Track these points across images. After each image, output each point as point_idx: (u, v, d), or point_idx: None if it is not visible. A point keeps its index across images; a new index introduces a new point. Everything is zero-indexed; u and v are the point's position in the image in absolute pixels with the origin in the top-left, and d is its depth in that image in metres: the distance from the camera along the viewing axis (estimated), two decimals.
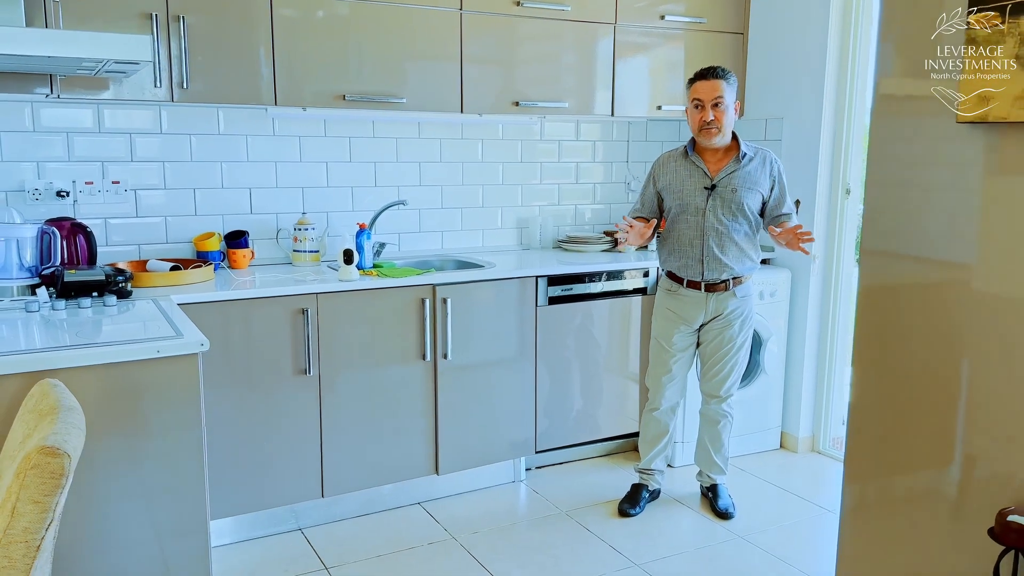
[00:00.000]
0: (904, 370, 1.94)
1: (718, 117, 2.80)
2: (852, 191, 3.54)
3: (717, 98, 2.79)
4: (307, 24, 2.89)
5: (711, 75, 2.81)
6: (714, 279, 2.89)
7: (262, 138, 3.18)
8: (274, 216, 3.25)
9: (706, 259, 2.87)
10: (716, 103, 2.79)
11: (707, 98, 2.80)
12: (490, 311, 3.12)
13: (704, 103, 2.80)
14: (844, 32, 3.44)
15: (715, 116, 2.80)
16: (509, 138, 3.72)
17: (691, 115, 2.86)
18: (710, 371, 3.01)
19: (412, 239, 3.55)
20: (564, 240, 3.80)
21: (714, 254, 2.87)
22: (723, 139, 2.85)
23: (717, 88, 2.79)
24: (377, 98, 3.03)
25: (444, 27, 3.13)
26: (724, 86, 2.80)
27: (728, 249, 2.87)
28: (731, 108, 2.83)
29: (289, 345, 2.76)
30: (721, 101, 2.80)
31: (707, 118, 2.80)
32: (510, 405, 3.23)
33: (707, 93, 2.80)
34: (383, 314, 2.91)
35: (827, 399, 3.69)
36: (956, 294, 1.82)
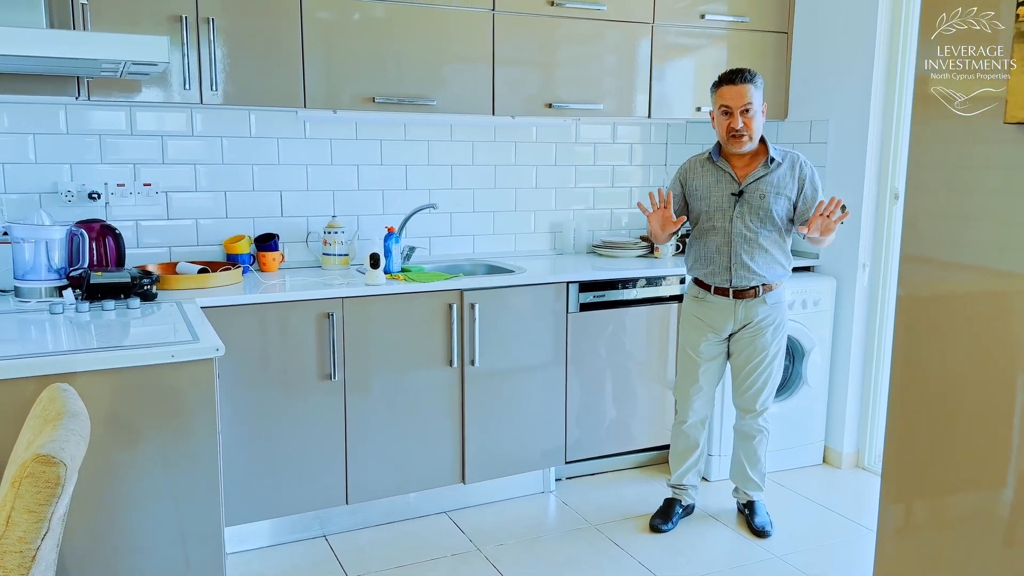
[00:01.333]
0: (949, 384, 1.82)
1: (747, 124, 2.69)
2: (901, 195, 3.38)
3: (746, 104, 2.68)
4: (337, 26, 2.87)
5: (739, 79, 2.69)
6: (743, 286, 2.78)
7: (294, 141, 3.17)
8: (304, 219, 3.23)
9: (734, 266, 2.76)
10: (745, 109, 2.68)
11: (735, 105, 2.69)
12: (519, 317, 3.05)
13: (732, 110, 2.69)
14: (893, 30, 3.29)
15: (744, 123, 2.69)
16: (543, 140, 3.65)
17: (718, 121, 2.75)
18: (743, 384, 2.89)
19: (443, 243, 3.50)
20: (599, 245, 3.71)
21: (742, 261, 2.76)
22: (752, 145, 2.74)
23: (745, 94, 2.68)
24: (408, 100, 2.99)
25: (476, 28, 3.07)
26: (752, 91, 2.69)
27: (757, 256, 2.76)
28: (759, 113, 2.72)
29: (314, 350, 2.73)
30: (750, 107, 2.68)
31: (736, 125, 2.69)
32: (539, 414, 3.16)
33: (735, 99, 2.69)
34: (410, 319, 2.86)
35: (873, 413, 3.54)
36: (1009, 304, 1.69)
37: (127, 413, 1.90)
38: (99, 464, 1.88)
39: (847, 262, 3.48)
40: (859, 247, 3.43)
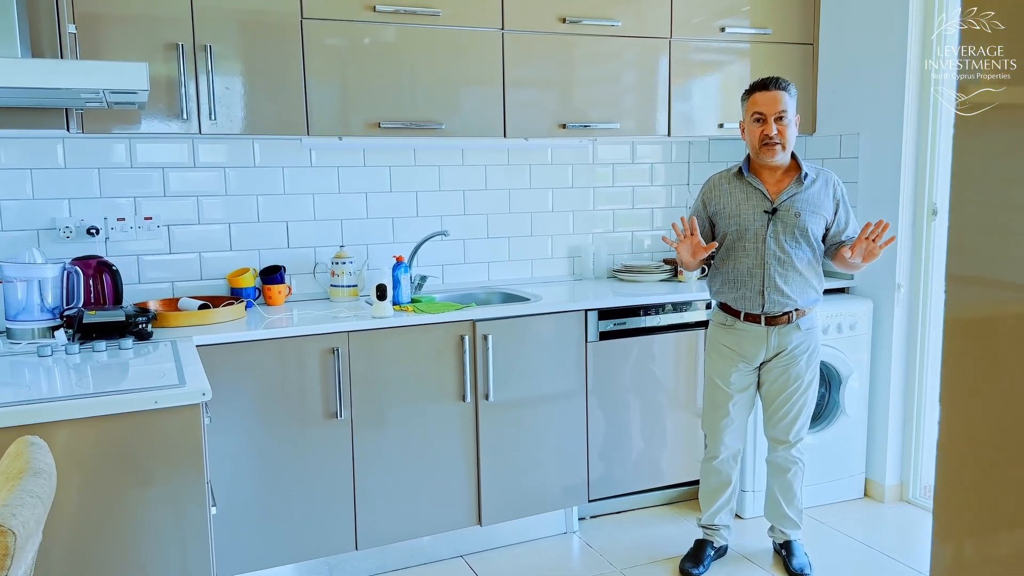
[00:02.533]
0: (1007, 410, 1.64)
1: (781, 132, 2.53)
2: (939, 211, 3.18)
3: (780, 111, 2.53)
4: (339, 51, 2.77)
5: (773, 86, 2.54)
6: (775, 312, 2.60)
7: (299, 169, 3.07)
8: (312, 250, 3.12)
9: (767, 290, 2.59)
10: (779, 116, 2.53)
11: (770, 111, 2.53)
12: (535, 348, 2.90)
13: (766, 117, 2.54)
14: (925, 36, 3.11)
15: (779, 131, 2.53)
16: (559, 163, 3.51)
17: (750, 130, 2.59)
18: (776, 414, 2.70)
19: (456, 271, 3.37)
20: (619, 269, 3.56)
21: (776, 284, 2.58)
22: (785, 157, 2.58)
23: (779, 100, 2.53)
24: (414, 125, 2.87)
25: (484, 48, 2.96)
26: (787, 98, 2.54)
27: (791, 279, 2.58)
28: (794, 123, 2.57)
29: (319, 387, 2.60)
30: (785, 115, 2.53)
31: (770, 132, 2.53)
32: (559, 450, 2.99)
33: (769, 106, 2.53)
34: (419, 353, 2.72)
35: (917, 441, 3.31)
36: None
37: (107, 463, 1.77)
38: (80, 516, 1.76)
39: (884, 282, 3.28)
40: (896, 266, 3.23)
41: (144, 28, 2.51)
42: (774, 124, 2.53)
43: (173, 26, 2.54)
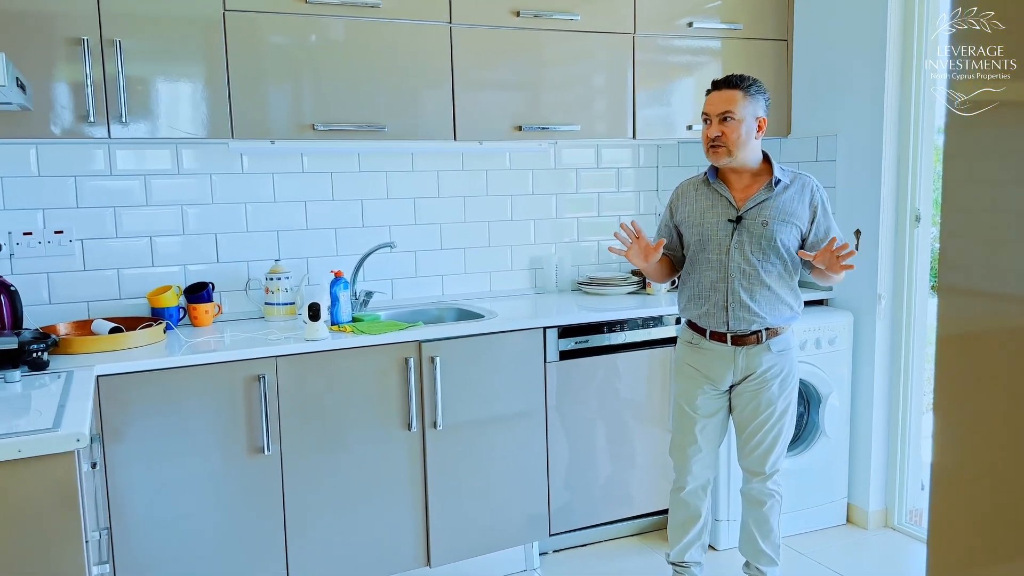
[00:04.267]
0: (1002, 435, 1.45)
1: (725, 133, 2.31)
2: (923, 218, 2.98)
3: (725, 112, 2.30)
4: (268, 47, 2.51)
5: (724, 84, 2.33)
6: (742, 330, 2.37)
7: (229, 176, 2.80)
8: (244, 264, 2.85)
9: (731, 306, 2.36)
10: (724, 116, 2.31)
11: (713, 111, 2.32)
12: (488, 370, 2.65)
13: (711, 117, 2.33)
14: (906, 31, 2.91)
15: (722, 132, 2.31)
16: (518, 168, 3.27)
17: (702, 131, 2.38)
18: (748, 443, 2.47)
19: (407, 286, 3.12)
20: (584, 282, 3.32)
21: (741, 300, 2.35)
22: (733, 160, 2.35)
23: (726, 99, 2.30)
24: (352, 127, 2.62)
25: (431, 44, 2.71)
26: (739, 97, 2.30)
27: (758, 294, 2.35)
28: (747, 123, 2.32)
29: (243, 419, 2.33)
30: (731, 114, 2.30)
31: (711, 134, 2.32)
32: (517, 480, 2.74)
33: (714, 105, 2.33)
34: (358, 378, 2.47)
35: (902, 464, 3.09)
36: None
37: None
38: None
39: (864, 294, 3.07)
40: (877, 277, 3.01)
41: (41, 21, 2.24)
42: (717, 125, 2.31)
43: (76, 19, 2.27)
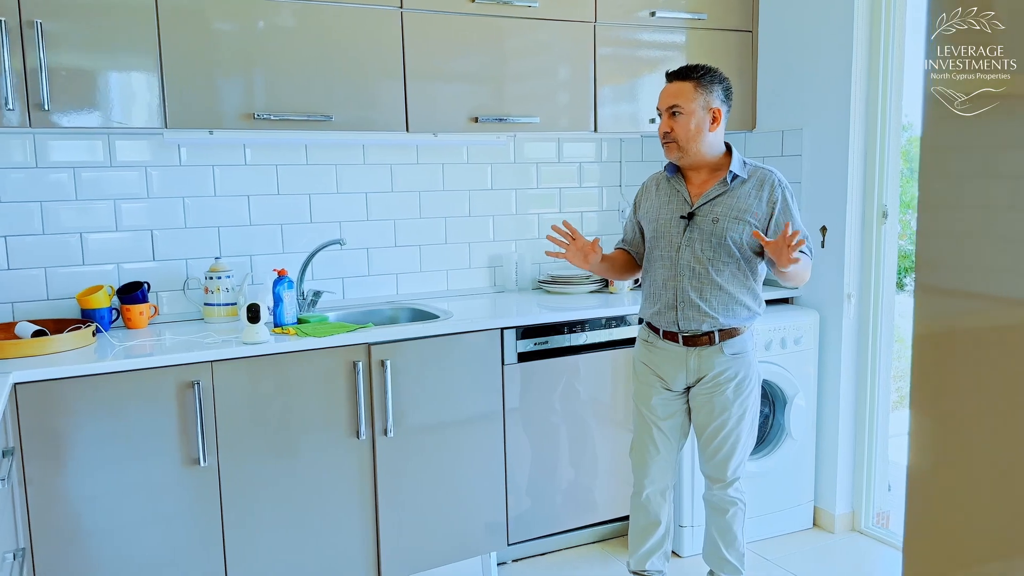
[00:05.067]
0: (978, 437, 1.41)
1: (674, 128, 2.21)
2: (890, 214, 2.90)
3: (673, 106, 2.20)
4: (205, 30, 2.35)
5: (674, 76, 2.23)
6: (693, 330, 2.27)
7: (166, 169, 2.63)
8: (183, 262, 2.68)
9: (680, 305, 2.26)
10: (672, 111, 2.21)
11: (663, 105, 2.24)
12: (442, 373, 2.52)
13: (661, 111, 2.24)
14: (873, 23, 2.83)
15: (671, 127, 2.21)
16: (476, 161, 3.14)
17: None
18: (707, 448, 2.37)
19: (359, 285, 2.97)
20: (546, 280, 3.20)
21: (690, 299, 2.25)
22: (687, 156, 2.24)
23: (675, 92, 2.21)
24: (296, 116, 2.47)
25: (381, 29, 2.57)
26: (689, 89, 2.20)
27: (709, 293, 2.25)
28: (698, 116, 2.21)
29: (175, 429, 2.18)
30: (679, 108, 2.20)
31: (663, 129, 2.24)
32: (473, 489, 2.61)
33: (664, 99, 2.24)
34: (302, 384, 2.32)
35: (869, 465, 3.03)
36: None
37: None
38: None
39: (831, 292, 2.99)
40: (844, 275, 2.94)
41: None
42: (667, 120, 2.21)
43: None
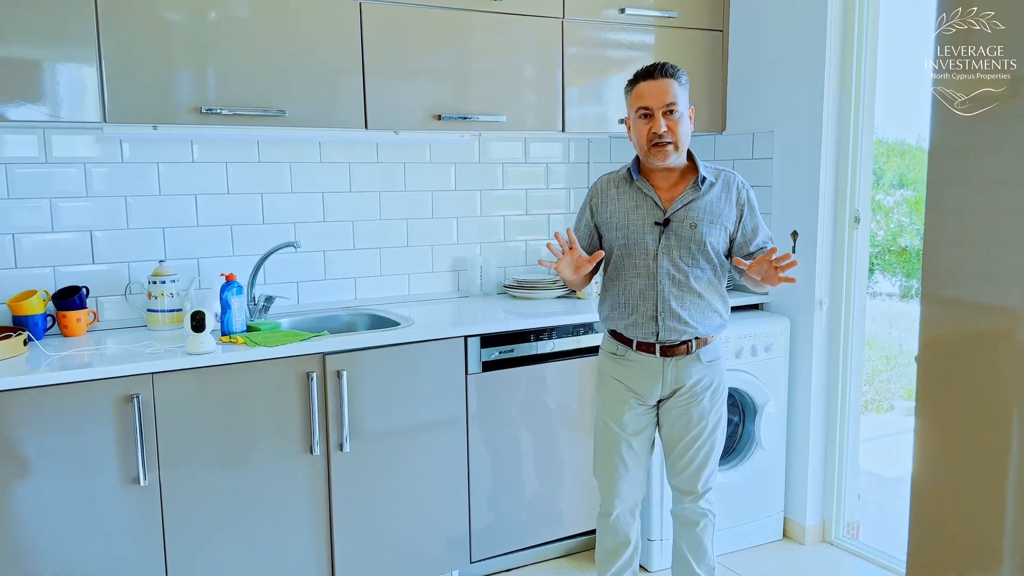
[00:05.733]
0: (988, 437, 1.37)
1: (672, 128, 2.10)
2: (862, 218, 2.85)
3: (669, 104, 2.10)
4: (149, 16, 2.19)
5: (659, 73, 2.11)
6: (672, 340, 2.18)
7: (107, 166, 2.47)
8: (125, 265, 2.52)
9: (662, 315, 2.16)
10: (669, 110, 2.10)
11: (657, 103, 2.10)
12: (402, 384, 2.39)
13: (653, 111, 2.11)
14: (846, 23, 2.77)
15: (668, 127, 2.10)
16: (439, 161, 3.02)
17: (636, 129, 2.16)
18: (679, 461, 2.28)
19: (315, 289, 2.83)
20: (511, 285, 3.09)
21: (672, 309, 2.16)
22: (679, 158, 2.16)
23: (668, 91, 2.10)
24: (246, 111, 2.32)
25: (339, 20, 2.44)
26: (677, 88, 2.11)
27: (689, 302, 2.16)
28: (686, 117, 2.14)
29: (113, 446, 2.02)
30: (675, 107, 2.10)
31: (658, 130, 2.10)
32: (435, 504, 2.49)
33: (657, 97, 2.10)
34: (252, 397, 2.18)
35: (840, 475, 2.97)
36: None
37: None
38: None
39: (802, 298, 2.93)
40: (816, 280, 2.88)
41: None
42: (663, 120, 2.10)
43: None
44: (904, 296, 8.40)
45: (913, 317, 5.83)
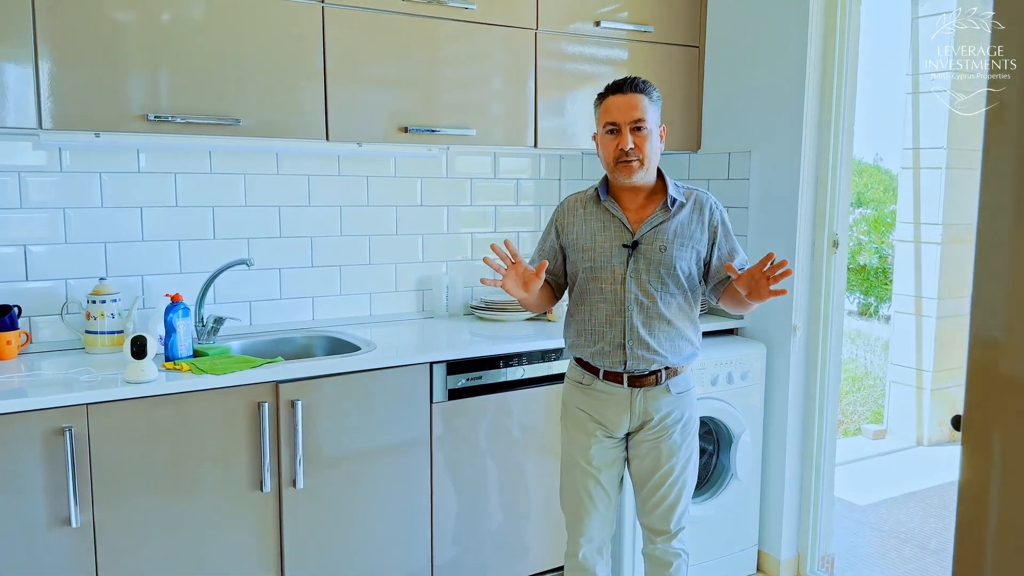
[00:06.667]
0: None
1: (639, 145, 2.00)
2: (840, 242, 2.77)
3: (637, 120, 1.99)
4: (88, 18, 2.02)
5: (629, 88, 2.01)
6: (640, 370, 2.06)
7: (43, 176, 2.28)
8: (62, 283, 2.33)
9: (629, 343, 2.04)
10: (637, 126, 2.00)
11: (624, 119, 1.99)
12: (363, 414, 2.24)
13: (620, 126, 2.00)
14: (827, 44, 2.70)
15: (636, 144, 2.00)
16: (404, 175, 2.88)
17: (603, 143, 2.05)
18: (650, 499, 2.15)
19: (269, 310, 2.66)
20: (479, 305, 2.95)
21: (639, 336, 2.04)
22: (646, 176, 2.05)
23: (636, 106, 1.99)
24: (198, 119, 2.16)
25: (299, 24, 2.29)
26: (646, 103, 2.01)
27: (658, 329, 2.05)
28: (656, 133, 2.04)
29: (40, 485, 1.83)
30: (643, 124, 2.00)
31: (625, 146, 1.99)
32: (395, 542, 2.34)
33: (624, 112, 1.99)
34: (197, 429, 2.01)
35: (815, 506, 2.88)
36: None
37: None
38: None
39: (778, 324, 2.84)
40: (793, 305, 2.79)
41: None
42: (630, 136, 1.99)
43: None
44: (863, 314, 8.48)
45: (874, 336, 5.78)
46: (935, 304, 4.56)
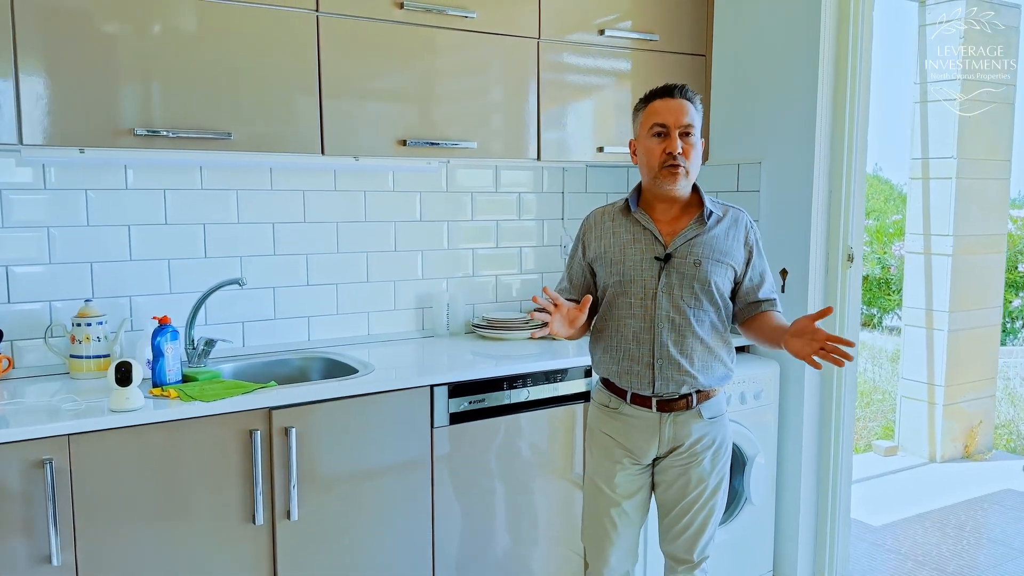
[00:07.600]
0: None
1: (687, 151, 1.91)
2: (855, 256, 2.68)
3: (687, 125, 1.90)
4: (75, 29, 1.93)
5: (678, 93, 1.92)
6: (670, 393, 1.96)
7: (25, 193, 2.19)
8: (46, 305, 2.23)
9: (659, 362, 1.94)
10: (686, 131, 1.91)
11: (674, 122, 1.90)
12: (360, 441, 2.13)
13: (670, 129, 1.90)
14: (839, 51, 2.61)
15: (683, 149, 1.90)
16: (403, 189, 2.78)
17: (647, 148, 1.95)
18: (674, 526, 2.05)
19: (262, 331, 2.56)
20: (481, 324, 2.85)
21: (670, 355, 1.94)
22: (687, 187, 1.96)
23: (687, 111, 1.91)
24: (187, 133, 2.06)
25: (294, 35, 2.20)
26: (693, 111, 1.92)
27: (691, 349, 1.94)
28: (699, 145, 1.95)
29: (19, 519, 1.73)
30: (692, 129, 1.91)
31: (674, 149, 1.89)
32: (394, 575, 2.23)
33: (675, 115, 1.90)
34: (185, 459, 1.90)
35: (832, 531, 2.77)
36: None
37: None
38: None
39: None
40: None
41: None
42: (679, 140, 1.90)
43: None
44: (866, 325, 8.36)
45: (878, 348, 5.66)
46: (946, 317, 4.46)
